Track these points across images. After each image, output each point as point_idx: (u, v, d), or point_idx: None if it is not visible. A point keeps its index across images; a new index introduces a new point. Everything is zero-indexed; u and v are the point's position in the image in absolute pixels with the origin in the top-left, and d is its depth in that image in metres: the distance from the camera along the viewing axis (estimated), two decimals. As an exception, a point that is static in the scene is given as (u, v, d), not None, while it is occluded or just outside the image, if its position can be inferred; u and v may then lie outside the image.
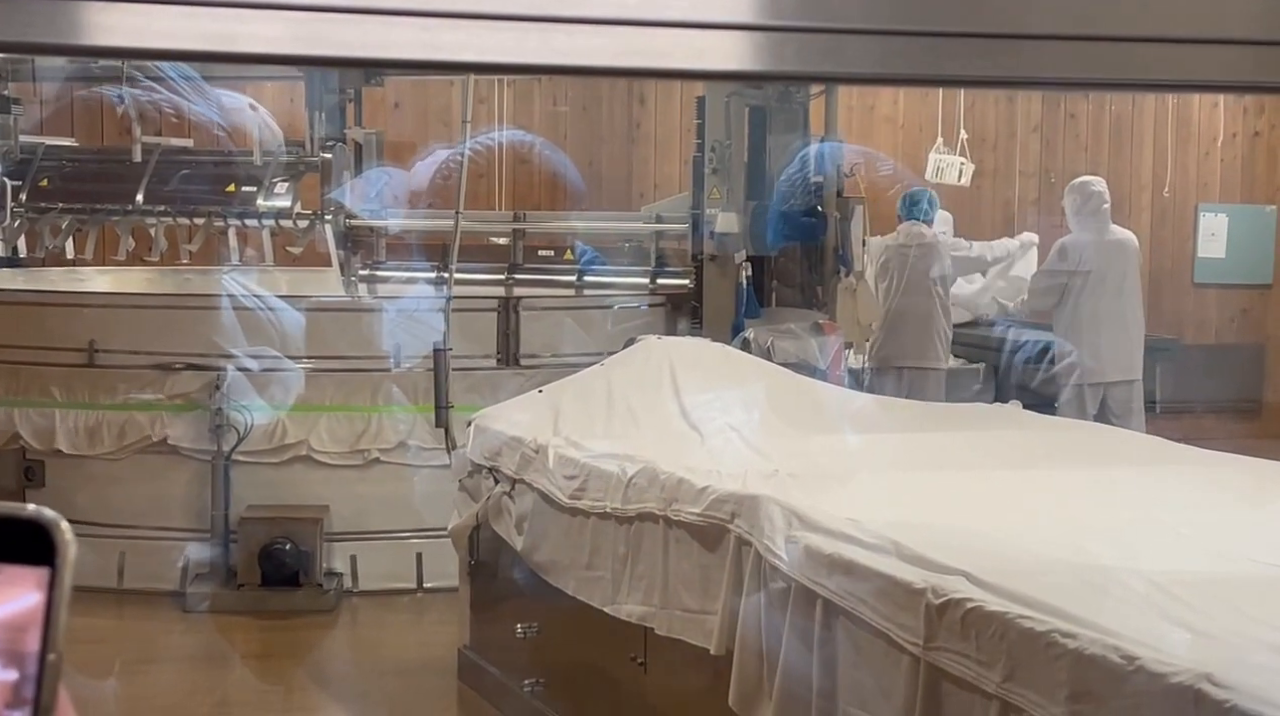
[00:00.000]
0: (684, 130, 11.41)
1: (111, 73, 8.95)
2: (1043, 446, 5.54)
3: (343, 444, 7.89)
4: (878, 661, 3.59)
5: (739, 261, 8.17)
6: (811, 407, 6.09)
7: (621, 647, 4.97)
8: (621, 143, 12.20)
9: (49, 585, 0.81)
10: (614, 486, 4.98)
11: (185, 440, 7.86)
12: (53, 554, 0.82)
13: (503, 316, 8.11)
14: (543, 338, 8.15)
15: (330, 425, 7.90)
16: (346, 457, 7.88)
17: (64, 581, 0.81)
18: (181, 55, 0.97)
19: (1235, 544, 3.84)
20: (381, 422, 7.93)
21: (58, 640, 0.81)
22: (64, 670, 0.82)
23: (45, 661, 0.80)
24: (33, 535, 0.82)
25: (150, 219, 8.84)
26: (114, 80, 8.90)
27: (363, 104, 9.60)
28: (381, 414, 7.93)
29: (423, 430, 7.80)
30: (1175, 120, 12.76)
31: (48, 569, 0.82)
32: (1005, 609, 3.20)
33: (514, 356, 8.09)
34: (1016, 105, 12.61)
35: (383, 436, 7.90)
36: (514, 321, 8.12)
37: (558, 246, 9.09)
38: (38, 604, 0.81)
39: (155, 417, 7.88)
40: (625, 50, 0.96)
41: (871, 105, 12.34)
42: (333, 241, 8.96)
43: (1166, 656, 2.81)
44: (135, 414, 7.89)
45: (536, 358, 8.08)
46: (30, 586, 0.81)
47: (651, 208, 9.32)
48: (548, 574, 5.43)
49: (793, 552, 3.98)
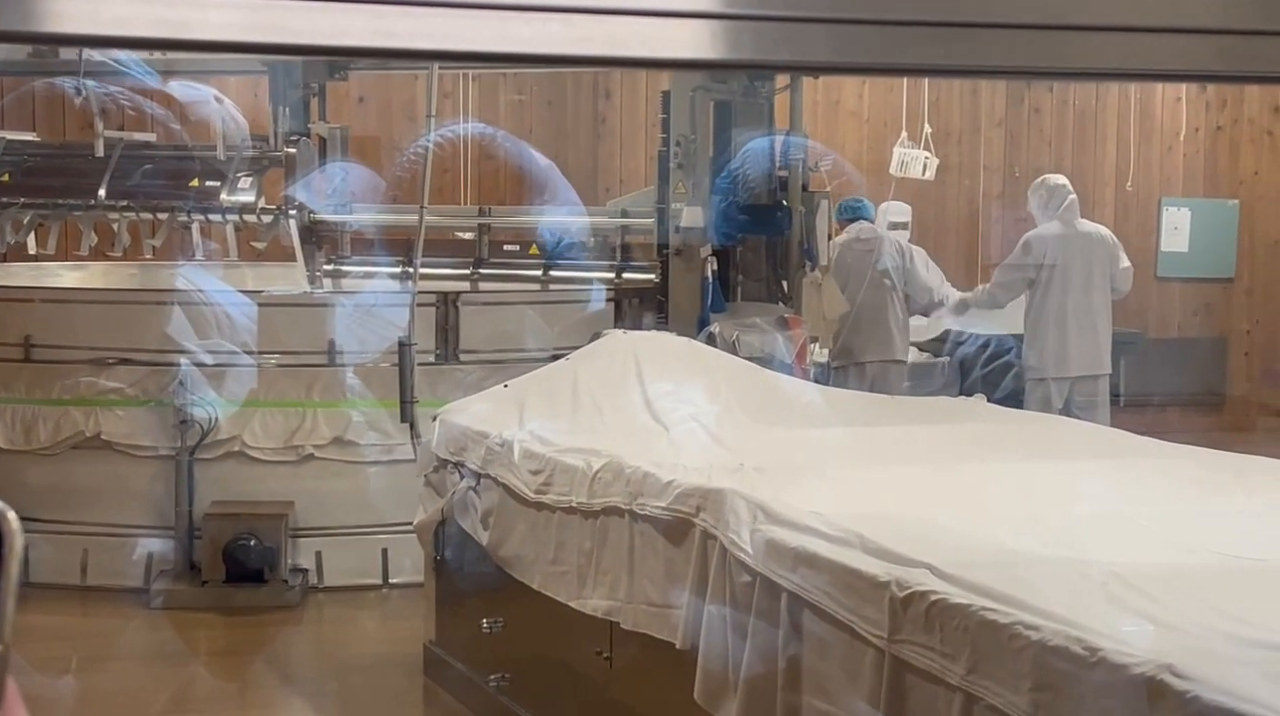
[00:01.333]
0: (649, 125, 11.42)
1: (71, 66, 8.88)
2: (1006, 440, 5.56)
3: (276, 439, 7.84)
4: (842, 654, 3.60)
5: (704, 256, 8.17)
6: (776, 401, 6.09)
7: (587, 642, 4.97)
8: (587, 137, 12.19)
9: None
10: (579, 481, 4.97)
11: (119, 436, 7.81)
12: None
13: (441, 311, 8.05)
14: (483, 333, 8.08)
15: (265, 420, 7.84)
16: (280, 453, 7.83)
17: (10, 571, 0.80)
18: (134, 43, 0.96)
19: (1197, 535, 3.86)
20: (318, 418, 7.86)
21: (5, 630, 0.80)
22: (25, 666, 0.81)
23: None
24: None
25: (113, 214, 8.79)
26: (73, 73, 8.83)
27: (327, 98, 9.57)
28: (318, 409, 7.87)
29: (362, 426, 7.79)
30: (1138, 114, 12.82)
31: None
32: (969, 601, 3.20)
33: (453, 351, 8.03)
34: (980, 99, 12.65)
35: (318, 432, 7.85)
36: (453, 316, 8.05)
37: (523, 241, 9.08)
38: None
39: (90, 413, 7.82)
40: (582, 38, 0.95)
41: (837, 100, 12.37)
42: (297, 236, 8.93)
43: (1128, 648, 2.82)
44: (71, 409, 7.84)
45: (476, 353, 8.01)
46: None
47: (617, 202, 9.32)
48: (513, 569, 5.43)
49: (757, 546, 3.98)
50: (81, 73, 8.71)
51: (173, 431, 7.73)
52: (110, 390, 7.84)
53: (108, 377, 7.84)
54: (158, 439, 7.81)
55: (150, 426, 7.83)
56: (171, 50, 3.92)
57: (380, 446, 7.83)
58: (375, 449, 7.83)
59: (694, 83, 8.20)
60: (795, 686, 3.76)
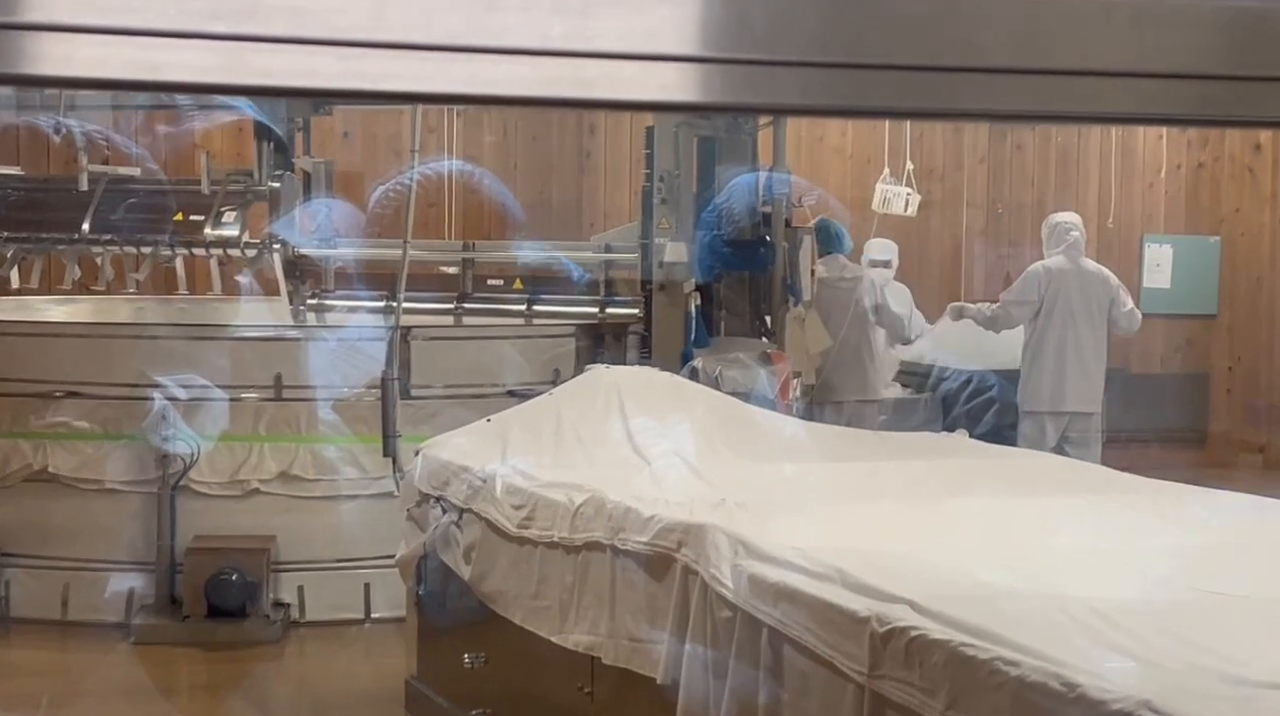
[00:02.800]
0: (633, 160, 11.45)
1: (50, 102, 8.90)
2: (988, 475, 5.57)
3: (222, 474, 7.82)
4: (823, 689, 3.60)
5: (688, 291, 8.19)
6: (759, 437, 6.10)
7: (569, 677, 4.96)
8: (571, 172, 12.22)
9: None
10: (561, 515, 4.97)
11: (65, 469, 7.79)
12: None
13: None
14: (437, 368, 8.02)
15: (211, 456, 7.82)
16: (225, 488, 7.81)
17: None
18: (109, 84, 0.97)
19: (1176, 571, 3.87)
20: (264, 452, 7.84)
21: None
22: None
23: None
24: None
25: (96, 248, 8.79)
26: (52, 110, 8.85)
27: (311, 133, 9.60)
28: (264, 444, 7.85)
29: (305, 461, 7.77)
30: (1120, 152, 12.89)
31: None
32: (948, 637, 3.21)
33: (404, 387, 7.96)
34: (963, 137, 12.71)
35: (264, 466, 7.83)
36: (404, 351, 8.00)
37: (507, 276, 9.09)
38: None
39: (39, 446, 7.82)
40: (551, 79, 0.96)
41: (820, 136, 12.41)
42: (281, 270, 8.94)
43: (1107, 683, 2.82)
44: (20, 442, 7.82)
45: (429, 388, 7.97)
46: None
47: (601, 237, 9.34)
48: (495, 603, 5.42)
49: (739, 581, 3.98)
50: (62, 110, 8.72)
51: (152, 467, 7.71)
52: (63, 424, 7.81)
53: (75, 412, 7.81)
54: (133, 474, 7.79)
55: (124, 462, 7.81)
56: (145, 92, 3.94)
57: (330, 481, 7.81)
58: (323, 484, 7.81)
59: (678, 119, 8.24)
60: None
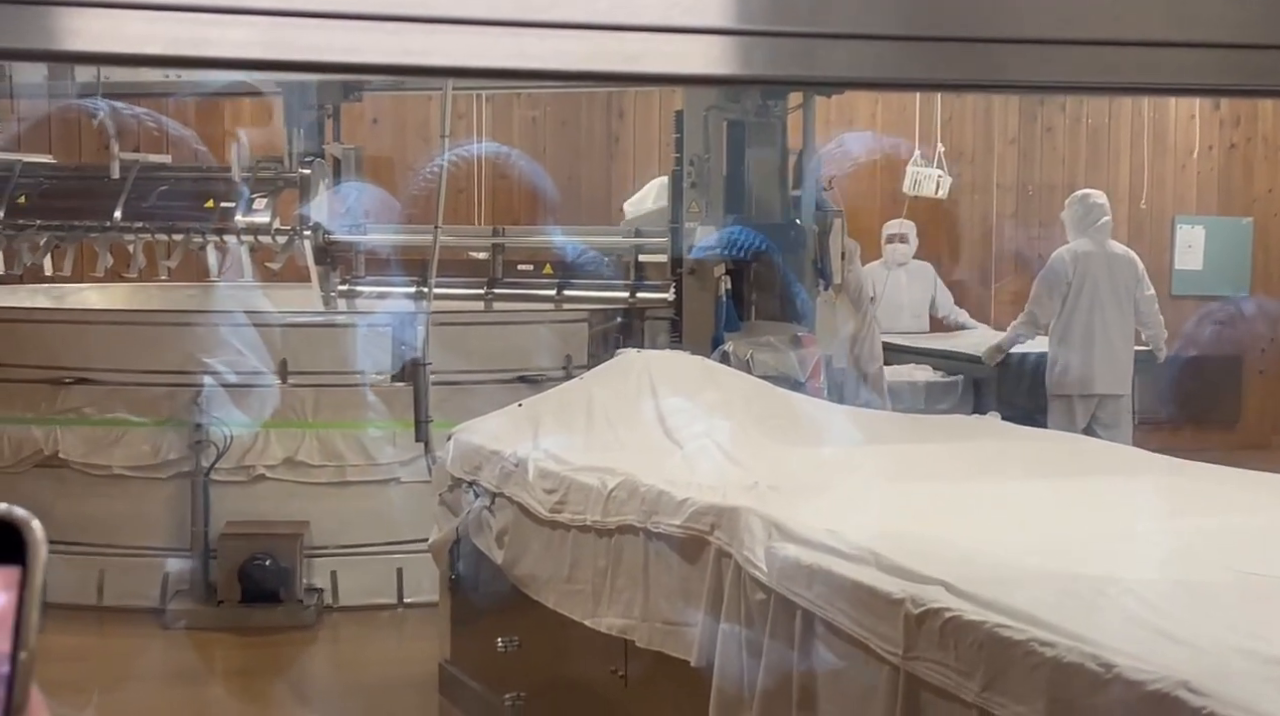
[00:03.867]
0: (663, 144, 11.43)
1: (88, 89, 8.94)
2: (1021, 457, 5.55)
3: (227, 459, 7.84)
4: (857, 671, 3.60)
5: (718, 274, 8.18)
6: (791, 420, 6.09)
7: (602, 660, 4.96)
8: (600, 157, 12.21)
9: (20, 584, 0.82)
10: (594, 499, 4.98)
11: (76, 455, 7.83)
12: (24, 552, 0.82)
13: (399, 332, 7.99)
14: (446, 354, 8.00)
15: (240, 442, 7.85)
16: (231, 473, 7.84)
17: (35, 579, 0.81)
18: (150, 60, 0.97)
19: (1212, 552, 3.85)
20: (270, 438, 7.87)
21: (30, 638, 0.81)
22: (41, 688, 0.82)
23: (17, 659, 0.80)
24: (3, 534, 0.82)
25: (128, 236, 8.82)
26: (90, 96, 8.89)
27: (341, 119, 9.61)
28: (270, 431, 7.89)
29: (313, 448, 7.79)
30: (1151, 133, 12.82)
31: (19, 568, 0.82)
32: (984, 618, 3.20)
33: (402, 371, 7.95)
34: (994, 118, 12.65)
35: (269, 452, 7.86)
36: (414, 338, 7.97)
37: (537, 261, 9.09)
38: (8, 603, 0.81)
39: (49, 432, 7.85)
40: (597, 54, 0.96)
41: (850, 119, 12.37)
42: (311, 257, 8.97)
43: (1144, 664, 2.81)
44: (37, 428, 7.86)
45: (436, 373, 7.95)
46: (0, 586, 0.81)
47: (631, 221, 9.33)
48: (528, 587, 5.43)
49: (772, 564, 3.98)
50: (100, 94, 8.76)
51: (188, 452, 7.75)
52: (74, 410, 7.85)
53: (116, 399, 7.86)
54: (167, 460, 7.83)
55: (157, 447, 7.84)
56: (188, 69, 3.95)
57: (333, 467, 7.83)
58: (328, 471, 7.83)
59: (707, 102, 8.22)
60: (810, 704, 3.76)
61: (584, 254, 8.61)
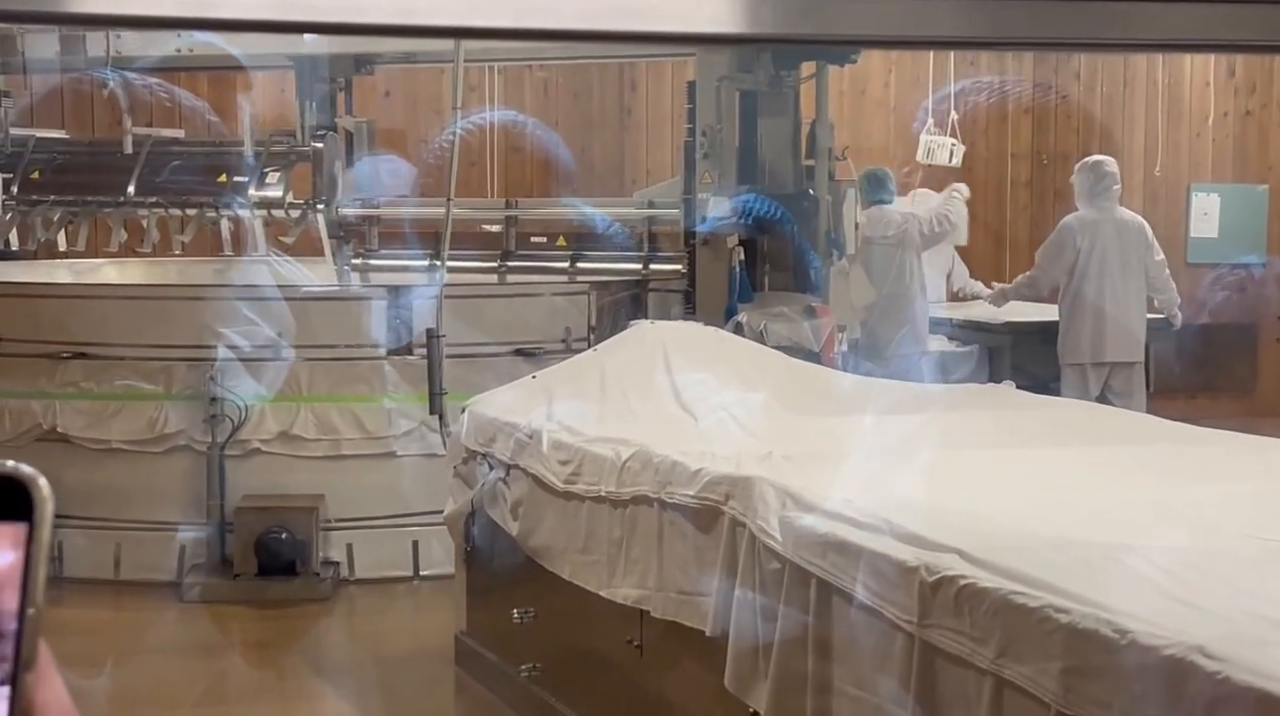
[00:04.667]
0: (675, 115, 11.41)
1: (100, 63, 8.94)
2: (1036, 425, 5.55)
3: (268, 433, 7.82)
4: (872, 640, 3.60)
5: (731, 245, 8.17)
6: (804, 390, 6.09)
7: (617, 631, 4.97)
8: (613, 129, 12.19)
9: (27, 540, 0.82)
10: (608, 470, 4.98)
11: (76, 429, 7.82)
12: (30, 509, 0.82)
13: (393, 305, 7.98)
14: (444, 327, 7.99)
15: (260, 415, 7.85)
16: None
17: (42, 536, 0.82)
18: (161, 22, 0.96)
19: (1228, 519, 3.84)
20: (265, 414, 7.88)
21: (37, 595, 0.81)
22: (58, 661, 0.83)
23: (25, 616, 0.81)
24: (10, 491, 0.82)
25: (142, 210, 8.83)
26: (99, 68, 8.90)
27: (353, 92, 9.61)
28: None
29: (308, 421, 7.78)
30: (1166, 100, 12.76)
31: (25, 524, 0.82)
32: (998, 585, 3.20)
33: (407, 346, 7.92)
34: (1008, 86, 12.61)
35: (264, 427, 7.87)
36: (407, 311, 7.92)
37: (550, 233, 9.10)
38: (15, 560, 0.81)
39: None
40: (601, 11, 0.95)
41: (863, 89, 12.34)
42: (324, 230, 8.98)
43: (1159, 629, 2.81)
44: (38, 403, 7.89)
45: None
46: (8, 544, 0.81)
47: (644, 193, 9.32)
48: (543, 558, 5.44)
49: (786, 533, 3.98)
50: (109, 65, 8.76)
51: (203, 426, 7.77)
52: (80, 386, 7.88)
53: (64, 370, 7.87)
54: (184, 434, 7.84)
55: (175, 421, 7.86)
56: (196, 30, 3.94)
57: (328, 441, 7.83)
58: (324, 444, 7.84)
59: (720, 72, 8.20)
60: (826, 672, 3.77)
61: (611, 226, 8.60)
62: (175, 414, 7.84)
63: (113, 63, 8.88)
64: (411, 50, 9.44)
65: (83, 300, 8.44)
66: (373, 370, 7.89)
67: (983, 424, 5.50)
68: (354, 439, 7.86)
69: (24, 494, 0.82)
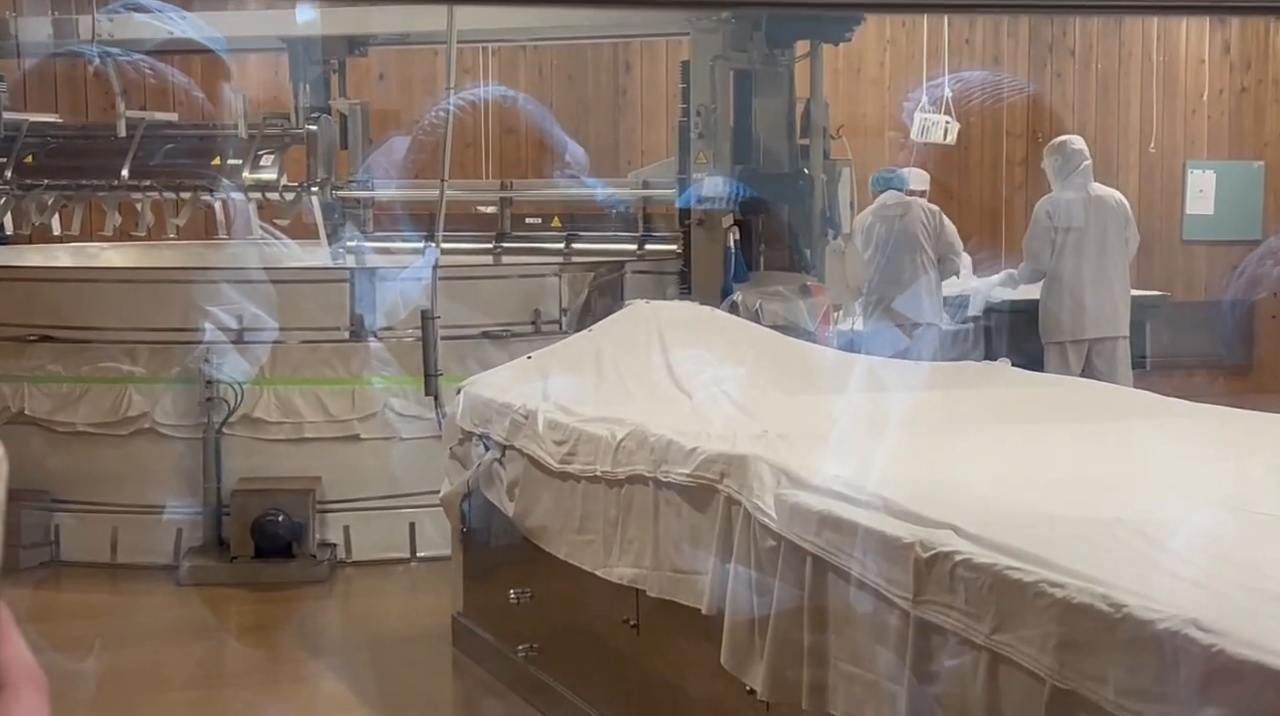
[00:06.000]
0: (669, 96, 11.39)
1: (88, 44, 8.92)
2: (1031, 402, 5.55)
3: (177, 416, 7.82)
4: (868, 616, 3.60)
5: (726, 225, 8.16)
6: (800, 369, 6.09)
7: (614, 610, 4.98)
8: (608, 110, 12.17)
9: None
10: (603, 450, 4.98)
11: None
12: None
13: (354, 288, 7.92)
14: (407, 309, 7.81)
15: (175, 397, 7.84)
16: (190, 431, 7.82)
17: None
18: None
19: (1221, 492, 3.84)
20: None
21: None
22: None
23: None
24: None
25: (136, 194, 8.81)
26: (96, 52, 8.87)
27: (347, 75, 9.59)
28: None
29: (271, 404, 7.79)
30: (1162, 77, 12.74)
31: None
32: (993, 560, 3.20)
33: (370, 329, 7.85)
34: (1003, 64, 12.59)
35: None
36: (371, 292, 7.89)
37: (545, 214, 9.09)
38: None
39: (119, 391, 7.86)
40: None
41: (858, 68, 12.32)
42: (319, 213, 8.96)
43: (1154, 603, 2.81)
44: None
45: (393, 330, 7.86)
46: None
47: (639, 174, 9.31)
48: (539, 539, 5.44)
49: (781, 510, 3.98)
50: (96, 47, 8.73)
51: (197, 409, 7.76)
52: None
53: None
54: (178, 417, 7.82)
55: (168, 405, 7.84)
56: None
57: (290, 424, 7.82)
58: (286, 427, 7.82)
59: (714, 52, 8.18)
60: (821, 649, 3.77)
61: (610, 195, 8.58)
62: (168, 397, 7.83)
63: (105, 45, 8.85)
64: (405, 31, 9.41)
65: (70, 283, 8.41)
66: (335, 352, 7.84)
67: (979, 401, 5.50)
68: (316, 422, 7.83)
69: None
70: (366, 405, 7.82)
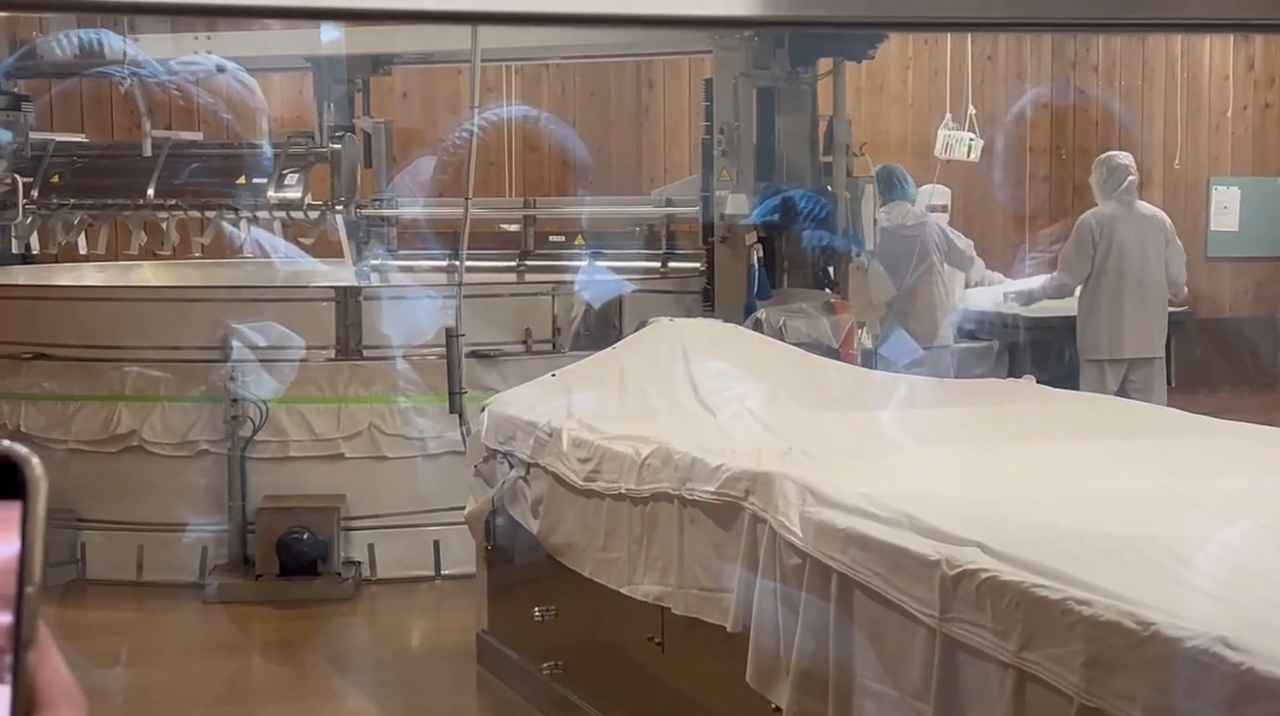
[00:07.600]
0: (692, 113, 11.40)
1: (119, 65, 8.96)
2: (1056, 420, 5.53)
3: (174, 435, 7.85)
4: (894, 634, 3.59)
5: (750, 243, 8.16)
6: (824, 386, 6.08)
7: (639, 628, 4.98)
8: (630, 127, 12.19)
9: (22, 520, 0.82)
10: (628, 467, 4.98)
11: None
12: (24, 488, 0.83)
13: (341, 307, 7.93)
14: (391, 328, 7.86)
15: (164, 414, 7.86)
16: (177, 449, 7.84)
17: (37, 515, 0.82)
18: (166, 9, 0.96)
19: (1250, 510, 3.83)
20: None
21: (35, 573, 0.82)
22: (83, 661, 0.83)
23: (23, 595, 0.81)
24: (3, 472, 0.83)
25: (161, 213, 8.85)
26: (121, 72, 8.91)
27: (370, 93, 9.62)
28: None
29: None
30: (1185, 94, 12.71)
31: (19, 504, 0.83)
32: (1020, 578, 3.19)
33: (355, 348, 7.91)
34: (1026, 81, 12.57)
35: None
36: (355, 311, 7.93)
37: (569, 232, 9.10)
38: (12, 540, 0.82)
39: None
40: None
41: (880, 85, 12.32)
42: (344, 231, 8.99)
43: (1182, 620, 2.80)
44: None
45: (379, 348, 7.87)
46: (12, 530, 0.82)
47: (661, 191, 9.31)
48: (564, 556, 5.44)
49: (807, 528, 3.98)
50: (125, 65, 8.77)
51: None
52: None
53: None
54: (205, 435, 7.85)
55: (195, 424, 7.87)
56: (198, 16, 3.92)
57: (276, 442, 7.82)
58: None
59: (736, 69, 8.20)
60: (847, 667, 3.76)
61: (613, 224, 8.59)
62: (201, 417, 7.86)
63: (130, 65, 8.90)
64: (429, 50, 9.45)
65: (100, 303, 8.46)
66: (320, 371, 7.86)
67: (1003, 418, 5.49)
68: (301, 441, 7.85)
69: (17, 474, 0.83)
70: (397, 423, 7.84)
